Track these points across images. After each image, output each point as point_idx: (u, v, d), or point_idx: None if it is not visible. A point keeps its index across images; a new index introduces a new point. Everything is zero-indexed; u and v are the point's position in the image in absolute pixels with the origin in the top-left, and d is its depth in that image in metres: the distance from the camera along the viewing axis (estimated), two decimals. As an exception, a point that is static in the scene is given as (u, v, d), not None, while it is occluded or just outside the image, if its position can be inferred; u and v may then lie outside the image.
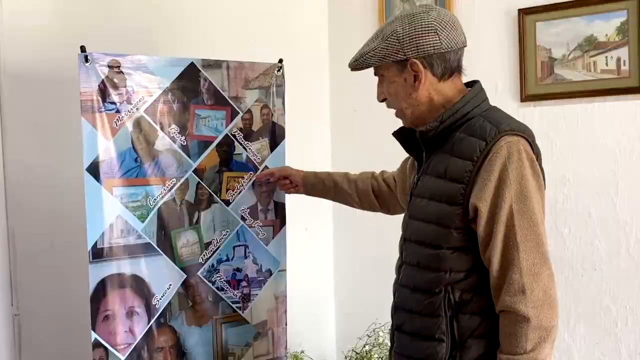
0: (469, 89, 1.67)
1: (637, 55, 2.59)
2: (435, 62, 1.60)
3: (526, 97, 2.82)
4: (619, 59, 2.64)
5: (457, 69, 1.65)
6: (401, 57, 1.60)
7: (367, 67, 1.68)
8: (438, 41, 1.58)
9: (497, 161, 1.50)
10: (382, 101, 1.75)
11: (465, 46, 1.65)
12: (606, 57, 2.67)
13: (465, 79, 1.72)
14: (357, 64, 1.68)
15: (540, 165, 1.59)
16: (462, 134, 1.59)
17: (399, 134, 1.79)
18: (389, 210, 2.22)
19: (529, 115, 2.78)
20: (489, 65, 2.89)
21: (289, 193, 2.39)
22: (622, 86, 2.64)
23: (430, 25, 1.58)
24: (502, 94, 2.86)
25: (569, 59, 2.75)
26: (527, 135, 1.56)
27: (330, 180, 2.29)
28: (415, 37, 1.58)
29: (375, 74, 1.73)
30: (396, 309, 1.74)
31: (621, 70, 2.64)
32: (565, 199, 2.74)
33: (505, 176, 1.49)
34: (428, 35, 1.57)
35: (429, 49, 1.58)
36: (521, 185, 1.50)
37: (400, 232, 1.79)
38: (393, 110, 1.76)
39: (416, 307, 1.64)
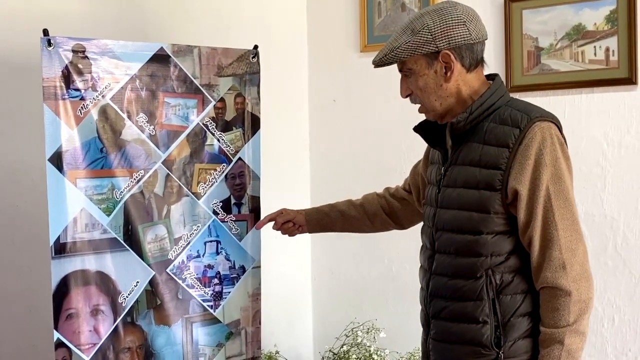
0: (489, 81, 1.82)
1: (627, 45, 2.62)
2: (465, 53, 1.74)
3: (512, 87, 2.84)
4: (607, 49, 2.67)
5: (481, 61, 1.80)
6: (433, 49, 1.73)
7: (395, 62, 1.79)
8: (467, 33, 1.73)
9: (533, 146, 1.66)
10: (406, 97, 1.85)
11: (486, 39, 1.79)
12: (595, 46, 2.70)
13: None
14: (386, 59, 1.78)
15: None
16: (492, 123, 1.74)
17: (420, 129, 1.91)
18: (403, 225, 2.29)
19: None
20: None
21: (293, 235, 2.35)
22: (610, 77, 2.67)
23: (459, 18, 1.73)
24: (487, 84, 2.88)
25: (557, 49, 2.77)
26: (555, 121, 1.73)
27: (335, 212, 2.30)
28: (447, 30, 1.72)
29: (400, 70, 1.83)
30: (432, 297, 1.85)
31: (610, 61, 2.67)
32: (551, 194, 2.77)
33: (541, 159, 1.66)
34: (458, 27, 1.72)
35: (459, 40, 1.72)
36: (555, 168, 1.67)
37: (426, 224, 1.92)
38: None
39: (456, 293, 1.77)
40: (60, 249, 2.11)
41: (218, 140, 2.41)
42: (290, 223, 2.30)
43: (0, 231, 2.42)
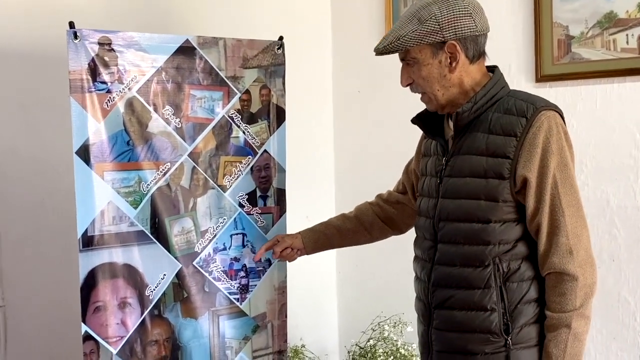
0: (490, 72, 1.88)
1: (660, 33, 2.60)
2: (469, 44, 1.80)
3: (541, 77, 2.83)
4: (640, 37, 2.66)
5: (483, 53, 1.86)
6: (439, 39, 1.77)
7: (400, 51, 1.82)
8: (473, 25, 1.78)
9: (540, 134, 1.72)
10: (406, 85, 1.90)
11: (489, 31, 1.85)
12: (627, 34, 2.68)
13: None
14: (391, 47, 1.81)
15: None
16: (496, 113, 1.80)
17: (418, 120, 1.98)
18: (401, 230, 2.35)
19: (545, 96, 2.74)
20: (502, 44, 2.89)
21: (293, 260, 2.38)
22: (643, 66, 2.65)
23: (466, 10, 1.78)
24: (515, 75, 2.87)
25: (587, 37, 2.76)
26: (559, 110, 1.80)
27: (330, 228, 2.33)
28: (454, 20, 1.76)
29: (402, 59, 1.87)
30: (435, 287, 1.88)
31: (643, 49, 2.65)
32: (582, 186, 2.76)
33: (548, 147, 1.72)
34: (465, 19, 1.77)
35: (466, 31, 1.77)
36: (561, 156, 1.73)
37: (423, 215, 1.96)
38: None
39: (463, 282, 1.82)
40: (88, 242, 2.16)
41: (243, 132, 2.43)
42: (289, 249, 2.32)
43: (27, 224, 2.47)
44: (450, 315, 1.85)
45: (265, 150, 2.48)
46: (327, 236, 2.33)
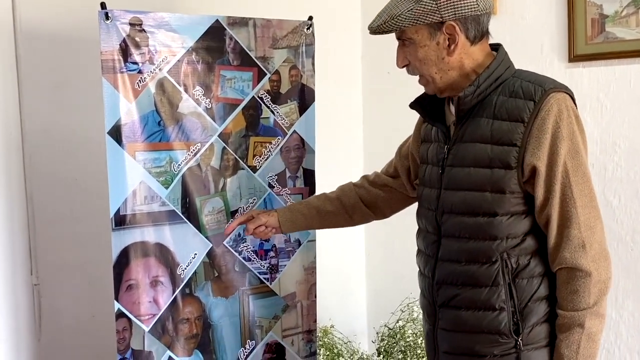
0: (494, 51, 1.74)
1: (697, 11, 2.56)
2: (470, 25, 1.66)
3: (575, 57, 2.80)
4: (677, 16, 2.61)
5: (486, 33, 1.71)
6: (437, 19, 1.64)
7: (396, 31, 1.71)
8: (475, 3, 1.64)
9: (550, 119, 1.59)
10: (402, 67, 1.78)
11: (492, 9, 1.72)
12: (663, 13, 2.64)
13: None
14: (385, 27, 1.69)
15: None
16: (501, 96, 1.67)
17: (417, 104, 1.86)
18: (385, 214, 2.23)
19: (578, 76, 2.76)
20: (534, 23, 2.86)
21: (267, 238, 2.33)
22: (679, 45, 2.61)
23: None
24: (548, 54, 2.84)
25: (622, 16, 2.72)
26: (569, 92, 1.67)
27: (309, 208, 2.20)
28: None
29: (398, 38, 1.75)
30: (439, 284, 1.77)
31: (679, 28, 2.60)
32: (615, 167, 2.74)
33: (558, 133, 1.59)
34: None
35: (466, 11, 1.64)
36: (572, 142, 1.60)
37: (425, 206, 1.86)
38: None
39: (469, 280, 1.70)
40: (120, 221, 2.19)
41: (273, 113, 2.45)
42: (262, 227, 2.19)
43: (61, 204, 2.52)
44: (456, 315, 1.74)
45: (294, 131, 2.49)
46: (305, 216, 2.20)
